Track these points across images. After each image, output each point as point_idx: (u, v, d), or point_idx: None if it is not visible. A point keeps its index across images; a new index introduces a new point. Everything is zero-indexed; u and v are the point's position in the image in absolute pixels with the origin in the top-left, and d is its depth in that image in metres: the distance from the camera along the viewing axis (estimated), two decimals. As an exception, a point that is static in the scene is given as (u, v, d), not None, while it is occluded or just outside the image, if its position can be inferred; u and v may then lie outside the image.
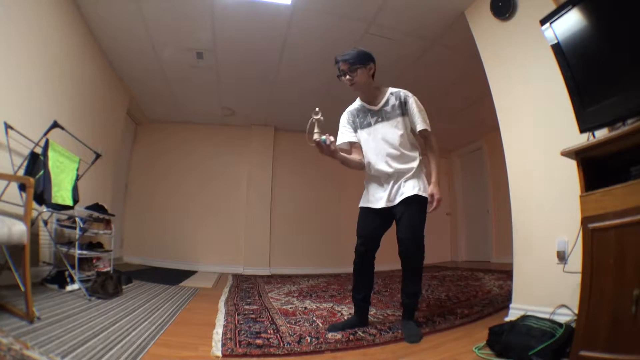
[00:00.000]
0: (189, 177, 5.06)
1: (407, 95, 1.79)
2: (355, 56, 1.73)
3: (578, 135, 1.37)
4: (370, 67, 1.77)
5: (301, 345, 1.44)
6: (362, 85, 1.78)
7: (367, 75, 1.76)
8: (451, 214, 6.32)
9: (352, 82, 1.75)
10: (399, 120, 1.76)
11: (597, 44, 1.30)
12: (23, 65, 2.18)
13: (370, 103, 1.84)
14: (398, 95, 1.79)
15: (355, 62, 1.72)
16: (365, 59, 1.74)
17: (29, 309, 1.47)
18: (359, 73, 1.73)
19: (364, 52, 1.76)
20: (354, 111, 1.90)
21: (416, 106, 1.77)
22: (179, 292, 2.72)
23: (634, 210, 1.01)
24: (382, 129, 1.78)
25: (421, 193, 1.71)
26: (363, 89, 1.81)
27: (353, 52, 1.74)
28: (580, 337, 1.12)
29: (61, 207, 2.26)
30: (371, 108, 1.83)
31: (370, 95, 1.83)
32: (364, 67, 1.74)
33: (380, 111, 1.80)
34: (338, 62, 1.76)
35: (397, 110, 1.76)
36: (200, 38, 3.12)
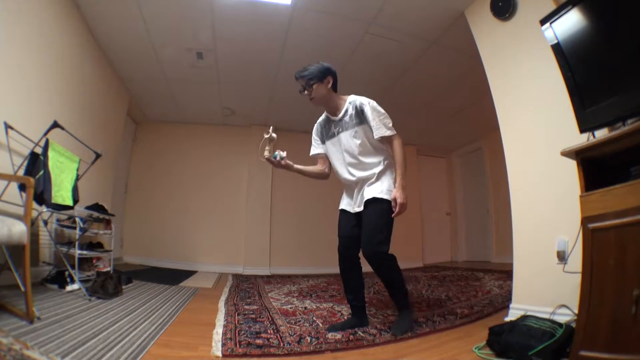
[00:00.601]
0: (189, 177, 5.06)
1: (363, 103, 1.77)
2: (311, 72, 1.76)
3: (578, 135, 1.37)
4: (328, 80, 1.78)
5: (301, 345, 1.44)
6: (321, 99, 1.80)
7: (324, 88, 1.78)
8: (451, 214, 6.32)
9: (311, 97, 1.79)
10: (356, 129, 1.77)
11: (597, 44, 1.30)
12: (23, 65, 2.18)
13: (332, 114, 1.86)
14: (354, 104, 1.79)
15: (312, 78, 1.76)
16: (322, 73, 1.77)
17: (29, 309, 1.47)
18: (315, 88, 1.76)
19: (321, 66, 1.78)
20: (321, 122, 1.95)
21: (372, 112, 1.74)
22: (179, 292, 2.72)
23: (634, 210, 1.01)
24: (343, 139, 1.81)
25: (381, 195, 1.69)
26: (324, 102, 1.83)
27: (310, 67, 1.78)
28: (580, 337, 1.12)
29: (61, 207, 2.26)
30: (333, 119, 1.86)
31: (333, 107, 1.84)
32: (321, 81, 1.76)
33: (341, 121, 1.82)
34: (297, 79, 1.80)
35: (355, 120, 1.77)
36: (200, 38, 3.12)
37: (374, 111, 1.76)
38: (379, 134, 1.73)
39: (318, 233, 5.14)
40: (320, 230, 5.15)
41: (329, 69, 1.80)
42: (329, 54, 3.34)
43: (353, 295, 1.81)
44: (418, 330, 1.69)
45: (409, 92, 4.13)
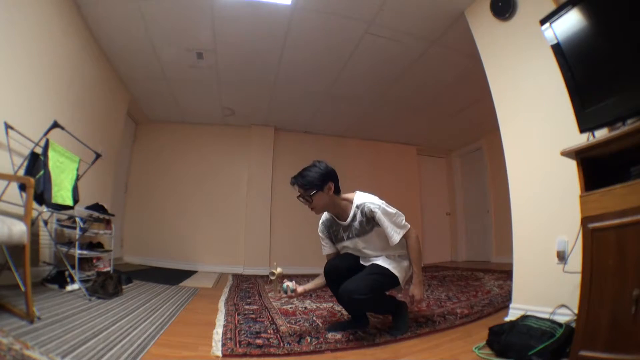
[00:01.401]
0: (189, 177, 5.06)
1: (373, 211, 1.62)
2: (309, 181, 1.60)
3: (578, 135, 1.37)
4: (329, 187, 1.63)
5: (301, 345, 1.44)
6: (325, 207, 1.69)
7: (326, 196, 1.64)
8: (451, 214, 6.32)
9: (312, 208, 1.67)
10: (371, 234, 1.67)
11: (597, 44, 1.30)
12: (23, 65, 2.19)
13: (339, 218, 1.73)
14: (364, 211, 1.64)
15: (311, 188, 1.60)
16: (321, 180, 1.61)
17: (29, 309, 1.47)
18: (315, 198, 1.62)
19: (321, 172, 1.63)
20: (326, 222, 1.82)
21: (384, 219, 1.62)
22: (179, 292, 2.72)
23: (634, 210, 1.01)
24: (357, 244, 1.72)
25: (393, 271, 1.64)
26: (327, 209, 1.72)
27: (308, 174, 1.62)
28: (580, 337, 1.12)
29: (61, 207, 2.26)
30: (341, 223, 1.73)
31: (338, 211, 1.71)
32: (321, 189, 1.62)
33: (350, 227, 1.70)
34: (293, 185, 1.67)
35: (366, 227, 1.66)
36: (200, 38, 3.12)
37: (385, 216, 1.62)
38: (395, 240, 1.62)
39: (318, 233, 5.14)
40: (320, 230, 5.15)
41: (329, 173, 1.64)
42: (329, 54, 3.35)
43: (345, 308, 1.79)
44: (418, 330, 1.69)
45: (409, 92, 4.13)
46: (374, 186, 6.35)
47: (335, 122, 5.03)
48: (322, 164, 1.67)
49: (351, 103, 4.39)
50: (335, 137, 5.55)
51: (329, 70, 3.66)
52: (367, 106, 4.48)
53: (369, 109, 4.56)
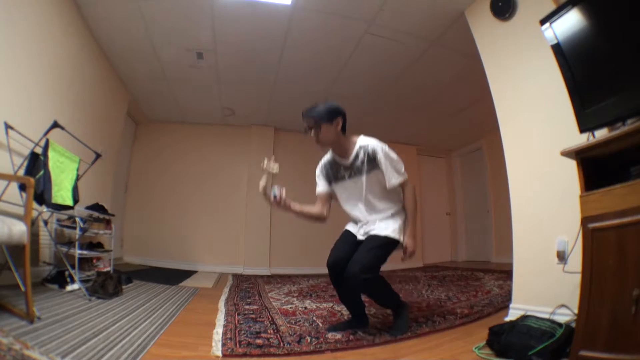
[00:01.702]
0: (189, 177, 5.06)
1: (375, 149, 1.69)
2: (320, 112, 1.68)
3: (578, 135, 1.37)
4: (338, 121, 1.70)
5: (301, 345, 1.44)
6: (329, 142, 1.73)
7: (333, 131, 1.70)
8: (451, 214, 6.32)
9: (317, 140, 1.71)
10: (369, 175, 1.71)
11: (597, 44, 1.30)
12: (23, 65, 2.18)
13: (341, 157, 1.78)
14: (366, 150, 1.71)
15: (321, 119, 1.67)
16: (332, 114, 1.68)
17: (29, 309, 1.48)
18: (323, 129, 1.68)
19: (331, 106, 1.71)
20: (326, 164, 1.87)
21: (385, 160, 1.68)
22: (179, 292, 2.72)
23: (634, 210, 1.01)
24: (354, 184, 1.75)
25: (392, 235, 1.65)
26: (331, 145, 1.76)
27: (319, 107, 1.70)
28: (580, 337, 1.12)
29: (61, 207, 2.26)
30: (343, 162, 1.77)
31: (341, 149, 1.76)
32: (330, 123, 1.68)
33: (351, 166, 1.75)
34: (304, 117, 1.72)
35: (367, 166, 1.71)
36: (200, 38, 3.12)
37: (387, 158, 1.69)
38: (393, 183, 1.69)
39: (318, 233, 5.13)
40: (320, 230, 5.14)
41: (338, 109, 1.72)
42: (329, 54, 3.35)
43: (347, 304, 1.78)
44: (418, 330, 1.69)
45: (409, 92, 4.13)
46: (374, 186, 6.28)
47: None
48: (333, 102, 1.75)
49: (351, 103, 4.38)
50: (335, 137, 5.54)
51: (329, 70, 3.66)
52: (367, 106, 4.48)
53: (369, 109, 4.56)
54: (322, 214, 1.83)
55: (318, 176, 1.90)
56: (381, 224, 1.71)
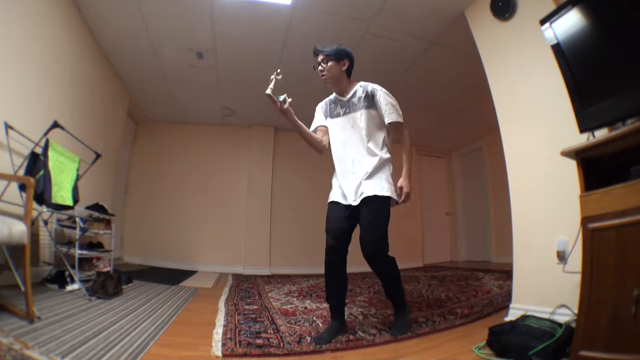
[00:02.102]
0: (189, 177, 5.06)
1: (375, 88, 1.79)
2: (331, 50, 1.80)
3: (578, 135, 1.37)
4: (344, 62, 1.81)
5: (301, 345, 1.44)
6: (333, 78, 1.81)
7: (339, 69, 1.80)
8: (451, 214, 6.32)
9: (323, 73, 1.80)
10: (363, 112, 1.76)
11: (597, 44, 1.30)
12: (23, 66, 2.18)
13: (341, 95, 1.87)
14: (365, 88, 1.80)
15: (330, 55, 1.79)
16: (341, 54, 1.80)
17: (29, 309, 1.48)
18: (329, 65, 1.78)
19: (342, 48, 1.82)
20: (327, 102, 1.96)
21: (384, 98, 1.76)
22: (179, 292, 2.72)
23: (634, 210, 1.01)
24: (347, 120, 1.80)
25: (382, 193, 1.65)
26: (334, 82, 1.83)
27: (332, 46, 1.82)
28: (580, 337, 1.12)
29: (61, 207, 2.26)
30: (341, 99, 1.86)
31: (342, 88, 1.85)
32: (337, 61, 1.79)
33: (348, 102, 1.83)
34: (316, 54, 1.82)
35: (363, 102, 1.77)
36: (200, 38, 3.12)
37: (387, 96, 1.77)
38: (392, 118, 1.73)
39: (318, 233, 5.12)
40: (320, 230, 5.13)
41: (348, 52, 1.83)
42: (329, 54, 3.34)
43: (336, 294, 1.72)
44: (418, 330, 1.69)
45: (409, 92, 4.13)
46: (374, 186, 6.26)
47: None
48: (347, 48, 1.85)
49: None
50: (335, 137, 5.54)
51: (329, 70, 3.66)
52: (367, 106, 4.47)
53: (369, 109, 4.55)
54: (322, 143, 1.88)
55: (317, 112, 1.97)
56: (367, 183, 1.68)
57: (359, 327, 1.74)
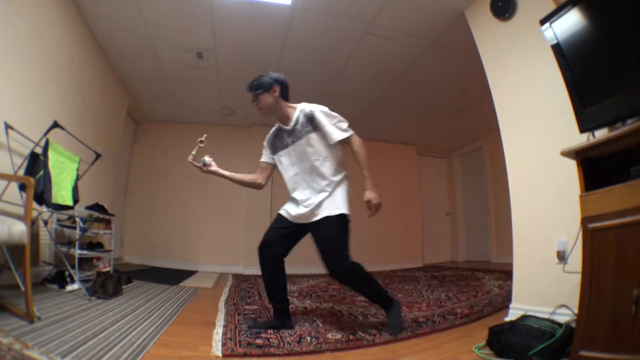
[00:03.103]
0: (189, 177, 5.03)
1: (313, 110, 1.74)
2: (258, 82, 1.77)
3: (578, 135, 1.37)
4: (274, 89, 1.76)
5: (301, 345, 1.44)
6: (269, 109, 1.78)
7: (272, 97, 1.76)
8: (451, 214, 6.32)
9: (259, 107, 1.79)
10: (309, 137, 1.72)
11: (597, 44, 1.30)
12: (23, 66, 2.18)
13: (284, 123, 1.82)
14: (304, 112, 1.75)
15: (258, 88, 1.76)
16: (269, 83, 1.76)
17: (29, 309, 1.47)
18: (261, 98, 1.75)
19: (267, 77, 1.78)
20: (273, 133, 1.91)
21: (324, 117, 1.72)
22: (179, 292, 2.72)
23: (634, 210, 1.01)
24: (295, 149, 1.77)
25: (335, 212, 1.65)
26: (272, 112, 1.80)
27: (259, 78, 1.78)
28: (580, 337, 1.12)
29: (61, 207, 2.26)
30: (285, 128, 1.81)
31: (283, 116, 1.81)
32: (267, 91, 1.75)
33: (293, 130, 1.77)
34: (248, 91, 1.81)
35: (307, 127, 1.73)
36: (200, 38, 3.12)
37: (326, 116, 1.73)
38: (335, 138, 1.69)
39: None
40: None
41: (276, 78, 1.79)
42: (329, 54, 3.35)
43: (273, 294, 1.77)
44: (418, 330, 1.69)
45: (409, 92, 4.13)
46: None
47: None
48: (275, 73, 1.82)
49: (351, 103, 4.39)
50: (335, 137, 5.54)
51: (329, 70, 3.66)
52: (367, 106, 4.48)
53: (369, 109, 4.56)
54: (257, 181, 1.92)
55: (264, 147, 1.95)
56: (325, 204, 1.68)
57: (359, 327, 1.74)
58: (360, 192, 1.69)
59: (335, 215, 1.66)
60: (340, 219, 1.67)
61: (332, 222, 1.65)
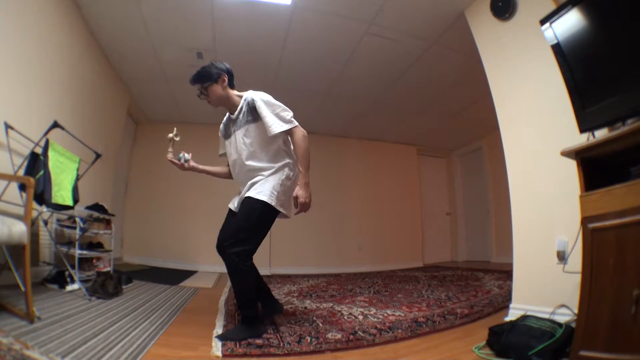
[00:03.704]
0: (189, 176, 5.03)
1: (254, 99, 1.65)
2: (202, 75, 1.69)
3: (578, 135, 1.37)
4: (222, 78, 1.71)
5: (301, 345, 1.44)
6: (219, 100, 1.73)
7: (220, 88, 1.71)
8: (451, 214, 6.32)
9: (208, 100, 1.74)
10: (247, 127, 1.68)
11: (597, 44, 1.30)
12: (23, 66, 2.18)
13: (231, 112, 1.78)
14: (247, 100, 1.69)
15: (205, 80, 1.69)
16: (214, 73, 1.69)
17: (29, 309, 1.47)
18: (210, 90, 1.70)
19: (213, 66, 1.71)
20: (225, 122, 1.87)
21: (265, 107, 1.62)
22: (179, 292, 2.72)
23: (634, 210, 1.01)
24: (236, 138, 1.74)
25: (257, 196, 1.58)
26: (223, 103, 1.75)
27: (203, 69, 1.71)
28: (580, 337, 1.12)
29: (61, 207, 2.26)
30: (232, 117, 1.78)
31: (230, 106, 1.76)
32: (215, 82, 1.69)
33: (236, 119, 1.74)
34: (192, 84, 1.73)
35: (248, 117, 1.68)
36: (200, 38, 3.12)
37: (267, 105, 1.63)
38: (275, 130, 1.58)
39: (318, 233, 5.15)
40: (320, 230, 5.16)
41: (221, 67, 1.72)
42: (329, 54, 3.35)
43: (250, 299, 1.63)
44: (418, 330, 1.69)
45: (409, 92, 4.13)
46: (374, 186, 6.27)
47: (335, 122, 5.02)
48: (218, 62, 1.74)
49: (351, 103, 4.39)
50: (335, 137, 5.54)
51: (329, 70, 3.66)
52: (367, 106, 4.48)
53: (369, 109, 4.56)
54: (228, 172, 1.90)
55: (220, 137, 1.91)
56: (256, 186, 1.63)
57: (359, 327, 1.74)
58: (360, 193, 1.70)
59: (255, 199, 1.58)
60: (260, 205, 1.57)
61: (249, 203, 1.59)
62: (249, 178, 1.69)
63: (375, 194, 5.61)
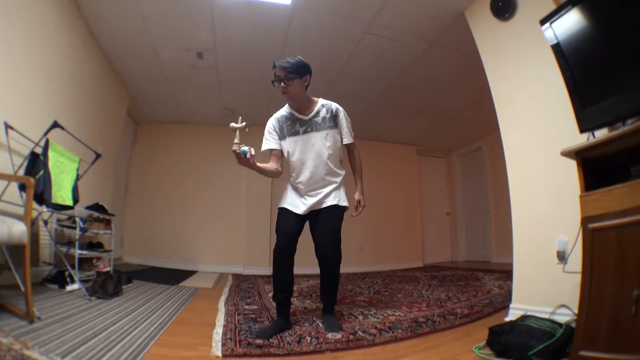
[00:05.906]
0: (189, 177, 5.06)
1: (338, 109, 1.88)
2: (294, 65, 1.71)
3: (578, 135, 1.37)
4: (306, 78, 1.78)
5: (301, 345, 1.44)
6: (295, 95, 1.79)
7: (301, 85, 1.77)
8: (451, 214, 6.32)
9: (286, 91, 1.74)
10: (328, 132, 1.83)
11: (597, 44, 1.30)
12: (23, 66, 2.18)
13: (300, 112, 1.85)
14: (329, 108, 1.85)
15: (293, 72, 1.71)
16: (303, 70, 1.74)
17: (29, 309, 1.47)
18: (294, 83, 1.72)
19: (304, 62, 1.75)
20: (281, 118, 1.89)
21: (345, 120, 1.87)
22: (179, 292, 2.72)
23: (634, 210, 1.01)
24: (311, 139, 1.82)
25: (343, 203, 1.84)
26: (295, 99, 1.82)
27: (293, 60, 1.72)
28: (580, 337, 1.12)
29: (61, 207, 2.26)
30: (301, 117, 1.84)
31: (302, 105, 1.84)
32: (300, 77, 1.74)
33: (310, 121, 1.83)
34: (275, 67, 1.73)
35: (328, 123, 1.83)
36: (200, 38, 3.12)
37: (346, 119, 1.88)
38: (349, 140, 1.89)
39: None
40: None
41: (309, 67, 1.77)
42: (329, 54, 3.35)
43: (284, 294, 1.76)
44: (418, 330, 1.69)
45: (409, 92, 4.13)
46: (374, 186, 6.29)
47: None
48: (305, 60, 1.77)
49: (351, 103, 4.38)
50: (335, 137, 5.55)
51: (329, 70, 3.66)
52: (367, 106, 4.48)
53: (369, 109, 4.56)
54: (278, 170, 1.90)
55: (270, 132, 1.90)
56: (329, 197, 1.83)
57: (359, 327, 1.74)
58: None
59: (341, 205, 1.83)
60: (343, 210, 1.86)
61: (337, 210, 1.83)
62: (323, 179, 1.84)
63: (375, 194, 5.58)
